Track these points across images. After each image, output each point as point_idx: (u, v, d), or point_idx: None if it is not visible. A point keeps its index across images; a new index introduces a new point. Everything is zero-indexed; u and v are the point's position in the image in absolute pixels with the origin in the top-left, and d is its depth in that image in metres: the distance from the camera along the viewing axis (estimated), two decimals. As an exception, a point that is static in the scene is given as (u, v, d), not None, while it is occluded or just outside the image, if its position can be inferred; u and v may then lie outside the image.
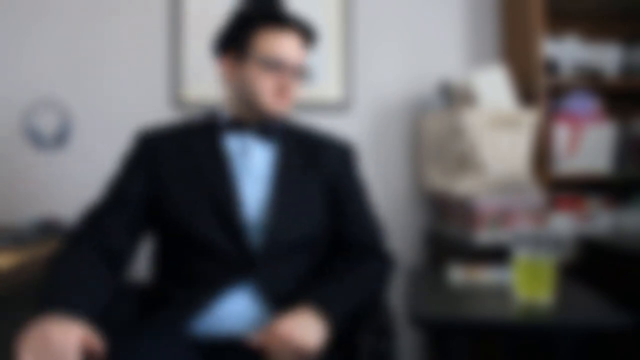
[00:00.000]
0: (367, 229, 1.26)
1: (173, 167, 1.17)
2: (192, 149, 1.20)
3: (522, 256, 1.24)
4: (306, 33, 1.22)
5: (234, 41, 1.21)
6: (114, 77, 1.95)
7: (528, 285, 1.23)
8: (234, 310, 1.09)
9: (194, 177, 1.16)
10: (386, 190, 1.99)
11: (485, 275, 1.44)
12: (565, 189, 1.88)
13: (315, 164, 1.24)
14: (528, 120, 1.67)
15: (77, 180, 1.95)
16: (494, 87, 1.71)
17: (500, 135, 1.65)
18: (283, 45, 1.17)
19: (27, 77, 1.94)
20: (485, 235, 1.56)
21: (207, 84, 1.93)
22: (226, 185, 1.15)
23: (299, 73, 1.21)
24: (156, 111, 1.94)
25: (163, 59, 1.96)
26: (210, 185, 1.15)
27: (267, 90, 1.18)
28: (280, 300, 1.10)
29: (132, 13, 1.95)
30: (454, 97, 1.81)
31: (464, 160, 1.68)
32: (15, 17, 1.94)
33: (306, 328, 0.99)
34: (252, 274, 1.11)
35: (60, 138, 1.94)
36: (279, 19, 1.18)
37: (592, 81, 1.85)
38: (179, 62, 1.94)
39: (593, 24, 2.01)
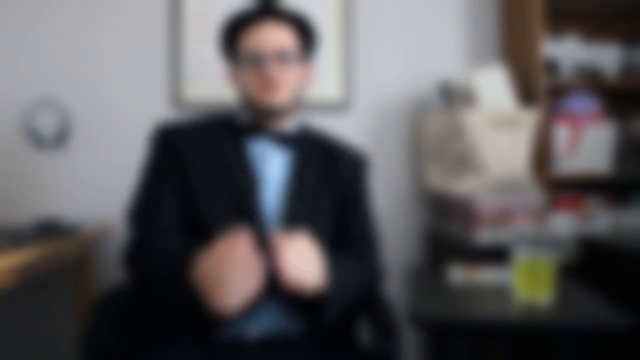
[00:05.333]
0: (365, 244, 1.26)
1: (199, 164, 1.16)
2: (217, 148, 1.19)
3: (522, 256, 1.24)
4: (285, 16, 1.20)
5: (227, 48, 1.25)
6: (114, 77, 1.95)
7: (528, 285, 1.23)
8: (258, 316, 1.10)
9: (221, 178, 1.15)
10: (386, 190, 1.99)
11: (485, 275, 1.44)
12: (565, 189, 1.88)
13: (330, 173, 1.24)
14: (528, 120, 1.67)
15: (77, 180, 1.95)
16: (494, 87, 1.71)
17: (500, 135, 1.65)
18: (258, 37, 1.17)
19: (27, 77, 1.94)
20: (485, 235, 1.56)
21: (207, 84, 1.93)
22: (251, 192, 1.15)
23: (282, 58, 1.18)
24: (156, 111, 1.94)
25: (163, 59, 1.96)
26: (236, 191, 1.14)
27: (254, 86, 1.18)
28: (300, 305, 1.11)
29: (132, 13, 1.95)
30: (454, 97, 1.81)
31: (464, 160, 1.68)
32: (15, 17, 1.94)
33: (310, 273, 1.02)
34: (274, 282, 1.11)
35: (60, 138, 1.94)
36: (256, 14, 1.19)
37: (592, 81, 1.85)
38: (179, 62, 1.94)
39: (593, 24, 2.01)
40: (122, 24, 1.95)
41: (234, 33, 1.22)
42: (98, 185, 1.93)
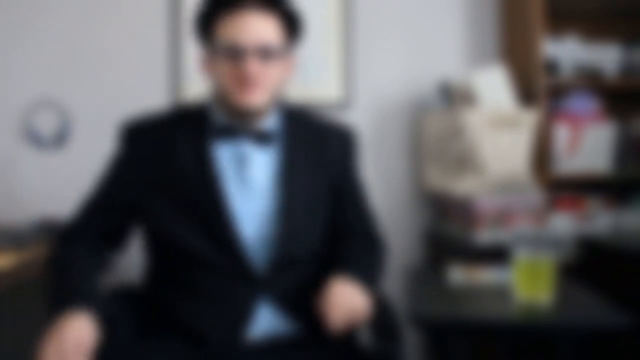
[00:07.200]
0: (362, 218, 1.25)
1: (158, 176, 1.10)
2: (177, 155, 1.10)
3: (522, 256, 1.24)
4: (270, 4, 1.08)
5: (203, 32, 1.13)
6: (114, 77, 1.95)
7: (528, 285, 1.23)
8: (255, 319, 1.09)
9: (180, 191, 1.09)
10: (386, 190, 1.99)
11: (485, 275, 1.44)
12: (565, 189, 1.88)
13: (320, 159, 1.18)
14: (528, 120, 1.67)
15: (77, 180, 1.94)
16: (494, 87, 1.71)
17: (500, 135, 1.65)
18: (239, 27, 1.05)
19: (27, 77, 1.94)
20: (485, 235, 1.56)
21: (207, 84, 1.93)
22: (216, 201, 1.07)
23: (265, 54, 1.06)
24: (156, 111, 1.94)
25: (163, 59, 1.96)
26: (198, 201, 1.08)
27: (230, 82, 1.07)
28: (296, 307, 1.10)
29: (132, 13, 1.95)
30: (454, 97, 1.81)
31: (464, 160, 1.68)
32: (15, 17, 1.94)
33: (358, 296, 1.05)
34: (262, 289, 1.09)
35: (60, 138, 1.94)
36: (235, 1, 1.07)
37: (592, 81, 1.85)
38: (179, 62, 1.94)
39: (593, 24, 2.00)
40: (122, 24, 1.95)
41: (211, 16, 1.10)
42: (98, 185, 1.93)
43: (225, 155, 1.12)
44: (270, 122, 1.16)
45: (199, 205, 1.08)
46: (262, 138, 1.13)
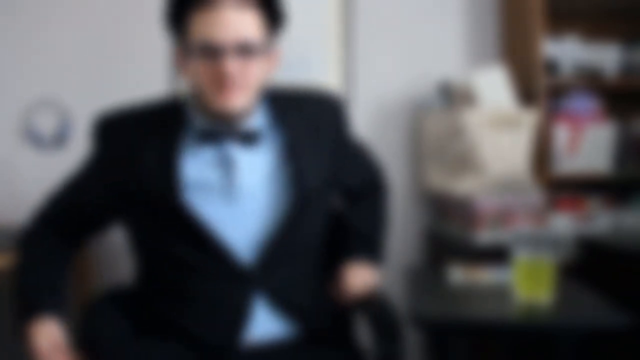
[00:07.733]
0: (362, 171, 1.30)
1: (125, 179, 1.06)
2: (144, 158, 1.05)
3: (522, 256, 1.24)
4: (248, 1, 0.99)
5: (174, 26, 1.04)
6: (114, 78, 1.95)
7: (528, 285, 1.24)
8: (251, 322, 1.05)
9: (146, 196, 1.04)
10: (386, 190, 1.99)
11: (485, 275, 1.44)
12: (565, 189, 1.88)
13: (318, 137, 1.13)
14: (528, 120, 1.67)
15: (77, 180, 1.94)
16: (494, 87, 1.71)
17: (500, 135, 1.65)
18: (214, 22, 0.96)
19: (27, 77, 1.94)
20: (485, 235, 1.56)
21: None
22: (178, 206, 1.02)
23: (245, 51, 0.97)
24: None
25: (163, 59, 1.96)
26: (165, 207, 1.02)
27: (207, 83, 0.98)
28: (294, 305, 1.09)
29: (131, 12, 1.95)
30: (454, 97, 1.81)
31: (464, 160, 1.68)
32: (16, 17, 1.94)
33: (368, 274, 1.19)
34: (256, 288, 1.05)
35: (60, 138, 1.94)
36: None
37: (592, 81, 1.85)
38: (179, 62, 1.94)
39: (593, 24, 2.00)
40: (122, 23, 1.95)
41: (183, 10, 1.00)
42: (98, 185, 1.93)
43: (205, 159, 1.06)
44: (256, 120, 1.09)
45: (167, 211, 1.03)
46: (248, 139, 1.06)
